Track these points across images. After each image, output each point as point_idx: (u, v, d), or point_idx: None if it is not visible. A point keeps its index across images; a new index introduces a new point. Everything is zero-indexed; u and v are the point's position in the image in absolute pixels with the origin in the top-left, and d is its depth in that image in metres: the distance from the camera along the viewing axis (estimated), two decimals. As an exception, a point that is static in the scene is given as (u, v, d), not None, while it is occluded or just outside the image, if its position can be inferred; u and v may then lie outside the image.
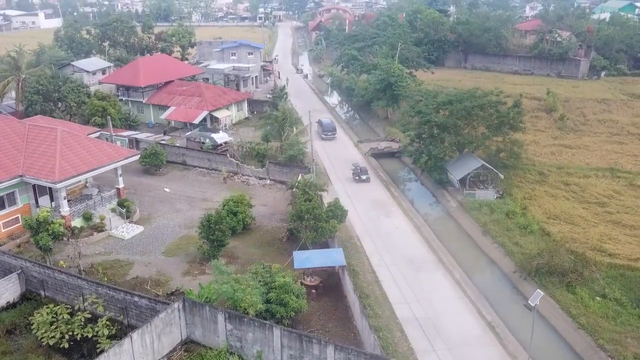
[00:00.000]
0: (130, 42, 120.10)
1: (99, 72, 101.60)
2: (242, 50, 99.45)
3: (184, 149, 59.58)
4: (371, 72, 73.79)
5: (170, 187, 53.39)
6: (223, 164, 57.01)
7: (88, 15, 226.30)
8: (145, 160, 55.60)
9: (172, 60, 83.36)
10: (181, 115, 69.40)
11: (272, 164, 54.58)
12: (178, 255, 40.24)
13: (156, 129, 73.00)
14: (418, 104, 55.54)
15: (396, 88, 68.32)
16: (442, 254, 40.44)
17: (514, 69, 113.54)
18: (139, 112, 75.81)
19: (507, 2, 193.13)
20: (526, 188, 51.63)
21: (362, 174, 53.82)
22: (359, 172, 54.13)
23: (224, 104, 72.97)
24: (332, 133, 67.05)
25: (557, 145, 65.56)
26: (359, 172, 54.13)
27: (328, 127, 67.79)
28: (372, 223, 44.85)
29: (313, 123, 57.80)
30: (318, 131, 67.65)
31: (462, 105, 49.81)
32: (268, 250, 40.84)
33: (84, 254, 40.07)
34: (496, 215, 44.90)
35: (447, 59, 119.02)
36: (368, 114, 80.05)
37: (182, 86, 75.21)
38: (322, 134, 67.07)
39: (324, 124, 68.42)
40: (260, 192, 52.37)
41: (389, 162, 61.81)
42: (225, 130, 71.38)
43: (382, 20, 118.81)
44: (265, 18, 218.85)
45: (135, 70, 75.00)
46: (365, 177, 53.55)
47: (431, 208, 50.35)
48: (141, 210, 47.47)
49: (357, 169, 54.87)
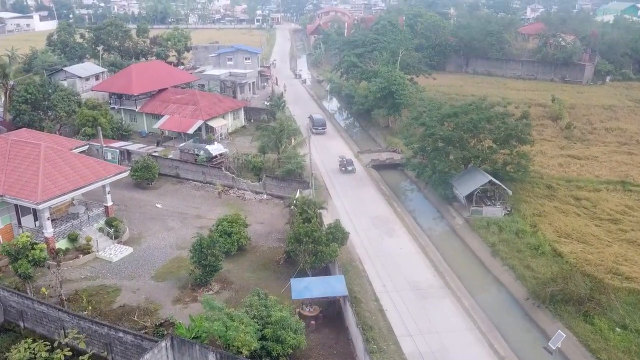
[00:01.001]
0: (124, 46, 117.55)
1: (92, 77, 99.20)
2: (239, 56, 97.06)
3: (177, 162, 57.12)
4: (372, 79, 71.43)
5: (162, 203, 50.98)
6: (218, 177, 54.62)
7: (84, 18, 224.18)
8: (136, 174, 53.20)
9: (166, 67, 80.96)
10: (175, 124, 66.97)
11: (269, 178, 52.20)
12: (169, 279, 37.84)
13: (150, 138, 70.58)
14: (421, 115, 53.20)
15: (398, 96, 66.00)
16: (449, 278, 38.09)
17: (517, 73, 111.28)
18: (131, 120, 73.36)
19: (508, 4, 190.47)
20: (535, 203, 49.32)
21: (348, 165, 58.07)
22: (345, 164, 58.22)
23: (220, 113, 70.55)
24: (322, 128, 71.93)
25: (565, 156, 63.26)
26: (345, 164, 58.22)
27: (318, 122, 72.60)
28: (374, 243, 42.47)
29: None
30: (309, 126, 71.83)
31: (468, 118, 47.51)
32: (264, 275, 38.45)
33: (69, 278, 37.69)
34: (505, 235, 42.57)
35: (448, 64, 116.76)
36: (368, 122, 77.70)
37: (177, 94, 72.78)
38: (313, 128, 70.89)
39: (315, 119, 73.12)
40: (257, 208, 49.98)
41: (391, 174, 59.44)
42: (221, 140, 69.01)
43: (381, 24, 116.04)
44: (263, 20, 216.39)
45: (127, 78, 72.55)
46: (351, 168, 57.85)
47: (436, 225, 47.99)
48: (131, 229, 45.05)
49: (343, 160, 58.90)
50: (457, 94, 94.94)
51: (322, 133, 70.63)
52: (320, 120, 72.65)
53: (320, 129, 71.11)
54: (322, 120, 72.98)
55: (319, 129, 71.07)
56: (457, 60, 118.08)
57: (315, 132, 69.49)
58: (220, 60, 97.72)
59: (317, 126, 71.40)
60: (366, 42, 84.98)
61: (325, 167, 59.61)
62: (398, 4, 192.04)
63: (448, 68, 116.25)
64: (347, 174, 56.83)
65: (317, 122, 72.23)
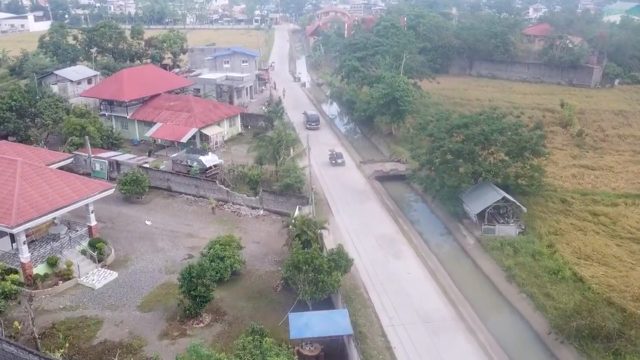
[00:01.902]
0: (118, 48, 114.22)
1: (84, 81, 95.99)
2: (236, 59, 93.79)
3: (169, 174, 53.85)
4: (374, 85, 68.22)
5: (152, 219, 47.71)
6: (212, 191, 51.38)
7: (80, 18, 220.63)
8: (124, 188, 49.97)
9: (159, 71, 77.63)
10: (168, 132, 63.70)
11: (266, 192, 48.93)
12: (156, 309, 34.60)
13: (141, 146, 67.32)
14: (429, 125, 50.02)
15: (402, 103, 62.77)
16: (462, 307, 34.89)
17: (523, 76, 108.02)
18: (123, 128, 70.06)
19: (510, 4, 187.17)
20: (550, 220, 46.14)
21: (338, 158, 60.53)
22: (335, 157, 60.74)
23: (215, 120, 67.30)
24: (316, 123, 74.81)
25: (578, 166, 60.11)
26: (335, 157, 60.74)
27: (312, 118, 75.72)
28: (379, 267, 39.23)
29: (312, 148, 52.09)
30: (304, 122, 75.48)
31: (479, 129, 44.29)
32: (260, 304, 35.22)
33: (47, 308, 34.49)
34: (521, 258, 39.37)
35: (451, 66, 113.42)
36: (370, 128, 74.48)
37: (170, 100, 69.50)
38: (307, 123, 74.49)
39: (309, 115, 76.37)
40: (253, 225, 46.73)
41: (396, 187, 56.21)
42: (217, 149, 65.80)
43: (382, 25, 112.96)
44: (262, 21, 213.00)
45: (118, 83, 69.23)
46: (340, 161, 60.18)
47: (445, 245, 44.72)
48: (117, 249, 41.80)
49: (333, 153, 61.51)
50: (462, 98, 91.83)
51: (316, 128, 73.50)
52: (314, 116, 76.01)
53: (314, 125, 74.00)
54: (316, 116, 76.57)
55: (312, 124, 74.10)
56: (460, 62, 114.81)
57: (309, 127, 73.14)
58: (217, 64, 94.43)
59: (311, 122, 74.50)
60: (368, 45, 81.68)
61: (326, 180, 56.36)
62: (398, 4, 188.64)
63: (451, 71, 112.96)
64: (349, 191, 53.59)
65: (311, 117, 75.46)
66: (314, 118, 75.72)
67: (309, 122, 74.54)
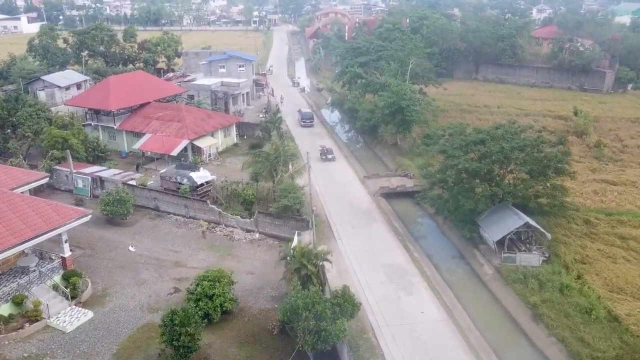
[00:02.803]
0: (110, 51, 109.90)
1: (74, 87, 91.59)
2: (232, 63, 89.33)
3: (156, 192, 49.41)
4: (379, 93, 63.84)
5: (136, 245, 43.32)
6: (202, 211, 46.99)
7: (74, 19, 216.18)
8: (107, 209, 45.56)
9: (149, 78, 73.16)
10: (157, 144, 59.29)
11: (262, 214, 44.51)
12: (134, 359, 30.21)
13: (130, 159, 62.96)
14: (440, 140, 45.70)
15: (408, 113, 58.43)
16: (484, 355, 30.48)
17: (531, 81, 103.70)
18: (110, 139, 65.70)
19: (512, 5, 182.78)
20: (574, 245, 41.78)
21: (328, 154, 61.94)
22: (325, 152, 62.18)
23: (208, 131, 62.93)
24: (310, 121, 76.18)
25: (599, 181, 55.81)
26: (325, 152, 62.18)
27: (306, 115, 77.17)
28: (389, 305, 34.83)
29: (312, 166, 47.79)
30: (298, 119, 77.42)
31: (498, 147, 39.90)
32: (254, 351, 30.85)
33: (8, 357, 30.08)
34: (548, 293, 34.99)
35: (456, 70, 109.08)
36: (374, 138, 70.10)
37: (160, 109, 65.12)
38: (301, 121, 76.23)
39: (303, 113, 78.10)
40: (247, 252, 42.32)
41: (403, 205, 51.84)
42: (210, 161, 61.47)
43: (385, 27, 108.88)
44: (260, 22, 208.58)
45: (105, 92, 64.82)
46: (331, 157, 61.64)
47: (461, 275, 40.26)
48: (95, 282, 37.43)
49: (323, 149, 63.04)
50: (469, 104, 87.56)
51: (310, 126, 75.42)
52: (308, 114, 77.82)
53: (308, 122, 75.83)
54: (310, 114, 78.32)
55: (307, 122, 75.86)
56: (466, 66, 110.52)
57: (303, 124, 75.47)
58: (212, 68, 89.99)
59: (305, 119, 76.18)
60: (371, 49, 77.25)
61: (327, 197, 52.00)
62: (400, 5, 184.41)
63: (456, 75, 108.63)
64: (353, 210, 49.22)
65: (305, 115, 77.18)
66: (308, 115, 77.26)
67: (303, 119, 76.23)
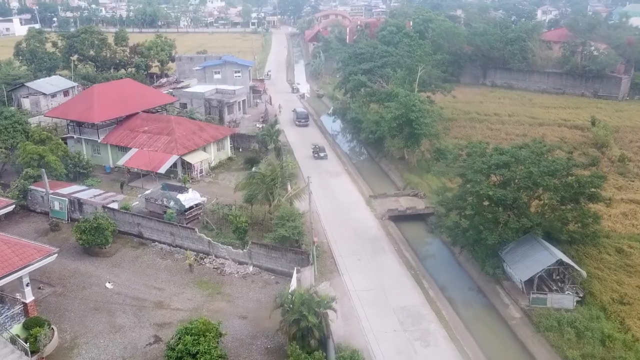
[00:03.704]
0: (101, 56, 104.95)
1: (60, 93, 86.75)
2: (228, 69, 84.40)
3: (139, 217, 44.38)
4: (385, 103, 58.91)
5: (115, 280, 38.35)
6: (190, 240, 41.99)
7: (69, 21, 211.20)
8: (83, 238, 40.58)
9: (137, 86, 67.97)
10: (143, 161, 54.30)
11: (257, 245, 39.51)
12: None
13: (115, 174, 57.98)
14: (457, 159, 40.76)
15: (417, 126, 53.46)
16: None
17: (542, 87, 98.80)
18: (94, 153, 60.74)
19: (518, 7, 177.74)
20: (609, 280, 36.89)
21: (320, 152, 62.56)
22: (318, 150, 62.74)
23: (200, 144, 57.98)
24: (305, 120, 76.96)
25: (627, 201, 50.86)
26: (318, 150, 62.74)
27: (301, 115, 77.75)
28: (405, 358, 29.85)
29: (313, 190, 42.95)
30: (293, 119, 77.89)
31: (525, 172, 34.93)
32: None
33: None
34: (589, 346, 30.02)
35: (463, 75, 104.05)
36: (379, 151, 65.11)
37: (149, 120, 60.19)
38: (296, 120, 76.93)
39: (298, 112, 78.48)
40: (239, 290, 37.29)
41: (414, 230, 46.93)
42: (201, 178, 56.54)
43: (388, 30, 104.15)
44: (259, 24, 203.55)
45: (88, 102, 59.79)
46: (323, 155, 62.25)
47: (484, 318, 35.19)
48: (63, 329, 32.47)
49: (316, 147, 63.58)
50: (478, 112, 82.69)
51: (305, 125, 76.00)
52: (302, 113, 78.20)
53: (303, 121, 76.40)
54: (305, 113, 78.67)
55: (302, 121, 76.39)
56: (473, 71, 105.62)
57: (298, 124, 76.21)
58: (207, 74, 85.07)
59: (300, 118, 76.65)
60: (375, 55, 72.25)
61: (330, 221, 47.03)
62: (401, 6, 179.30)
63: (463, 80, 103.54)
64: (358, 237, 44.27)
65: (300, 114, 77.53)
66: (303, 115, 77.67)
67: (298, 119, 76.75)
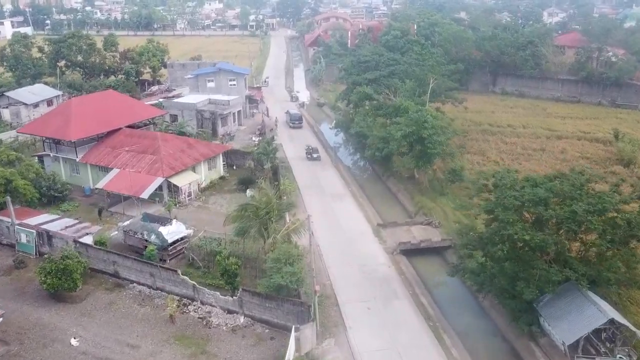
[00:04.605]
0: (89, 62, 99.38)
1: (43, 103, 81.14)
2: (222, 77, 78.72)
3: (115, 255, 38.69)
4: (393, 119, 53.32)
5: (82, 334, 32.73)
6: (172, 283, 36.34)
7: (63, 24, 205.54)
8: (47, 282, 34.96)
9: (121, 99, 62.09)
10: (125, 184, 48.61)
11: (249, 292, 33.83)
12: None
13: (95, 197, 52.37)
14: (481, 192, 35.16)
15: (430, 145, 47.87)
16: None
17: (555, 94, 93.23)
18: (73, 172, 55.17)
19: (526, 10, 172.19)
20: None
21: (314, 153, 62.79)
22: (311, 152, 62.99)
23: (189, 164, 52.38)
24: (299, 122, 77.13)
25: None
26: (311, 152, 62.99)
27: (295, 117, 77.79)
28: None
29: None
30: (286, 121, 77.89)
31: (567, 211, 29.28)
32: None
33: None
34: None
35: (471, 82, 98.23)
36: (386, 168, 59.53)
37: (133, 137, 54.56)
38: (290, 122, 77.06)
39: (292, 114, 78.41)
40: (227, 347, 31.60)
41: (429, 266, 41.39)
42: (190, 202, 50.94)
43: (392, 34, 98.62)
44: (257, 27, 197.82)
45: (65, 117, 54.11)
46: (316, 156, 62.44)
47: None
48: (12, 406, 26.85)
49: (309, 148, 63.76)
50: (491, 123, 77.14)
51: (299, 127, 75.95)
52: (296, 115, 78.26)
53: (297, 123, 76.48)
54: (298, 115, 78.85)
55: (295, 123, 76.43)
56: (482, 77, 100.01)
57: (292, 125, 76.19)
58: (199, 83, 79.36)
59: (294, 120, 76.78)
60: (380, 63, 66.60)
61: (334, 257, 41.42)
62: (404, 8, 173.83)
63: (471, 87, 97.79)
64: (367, 279, 38.61)
65: (293, 116, 77.54)
66: (297, 117, 77.54)
67: (292, 120, 76.62)
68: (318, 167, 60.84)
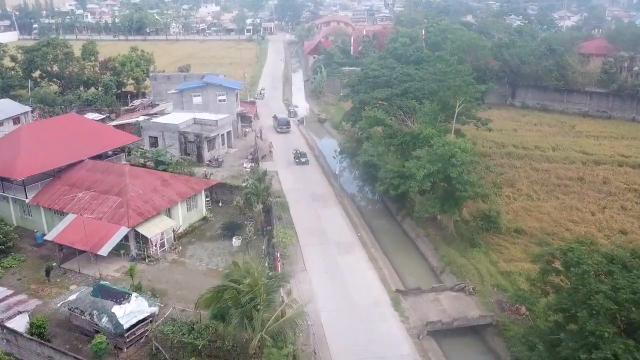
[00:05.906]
0: (66, 72, 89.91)
1: (8, 121, 71.54)
2: (210, 92, 69.23)
3: (51, 350, 29.09)
4: (411, 149, 43.74)
5: None
6: (125, 394, 26.83)
7: (51, 28, 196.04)
8: (-51, 398, 25.41)
9: (85, 123, 52.48)
10: (80, 234, 38.91)
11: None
12: None
13: (48, 248, 42.67)
14: (546, 275, 25.66)
15: (460, 186, 38.37)
16: None
17: (583, 109, 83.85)
18: (24, 214, 45.66)
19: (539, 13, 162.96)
20: None
21: (302, 157, 61.33)
22: (299, 156, 61.47)
23: (163, 207, 42.82)
24: (287, 127, 74.58)
25: None
26: (299, 156, 61.47)
27: (282, 121, 75.37)
28: None
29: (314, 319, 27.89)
30: (274, 125, 75.73)
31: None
32: None
33: None
34: None
35: (487, 94, 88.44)
36: (401, 206, 50.08)
37: (96, 172, 45.02)
38: (277, 127, 74.62)
39: (279, 119, 76.03)
40: None
41: (466, 353, 31.83)
42: (163, 255, 41.36)
43: (400, 41, 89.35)
44: (254, 31, 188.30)
45: (13, 148, 44.59)
46: (304, 160, 61.09)
47: None
48: None
49: (297, 152, 62.34)
50: (515, 145, 67.85)
51: (286, 132, 73.67)
52: (284, 120, 75.94)
53: (284, 128, 74.22)
54: (286, 120, 76.35)
55: (283, 128, 74.22)
56: (499, 89, 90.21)
57: (279, 130, 73.82)
58: (184, 99, 69.85)
59: (281, 125, 74.48)
60: (392, 78, 57.00)
61: (337, 332, 31.87)
62: (406, 11, 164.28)
63: (488, 99, 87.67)
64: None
65: (281, 121, 75.30)
66: (284, 122, 75.32)
67: (279, 125, 74.49)
68: (320, 204, 51.24)
